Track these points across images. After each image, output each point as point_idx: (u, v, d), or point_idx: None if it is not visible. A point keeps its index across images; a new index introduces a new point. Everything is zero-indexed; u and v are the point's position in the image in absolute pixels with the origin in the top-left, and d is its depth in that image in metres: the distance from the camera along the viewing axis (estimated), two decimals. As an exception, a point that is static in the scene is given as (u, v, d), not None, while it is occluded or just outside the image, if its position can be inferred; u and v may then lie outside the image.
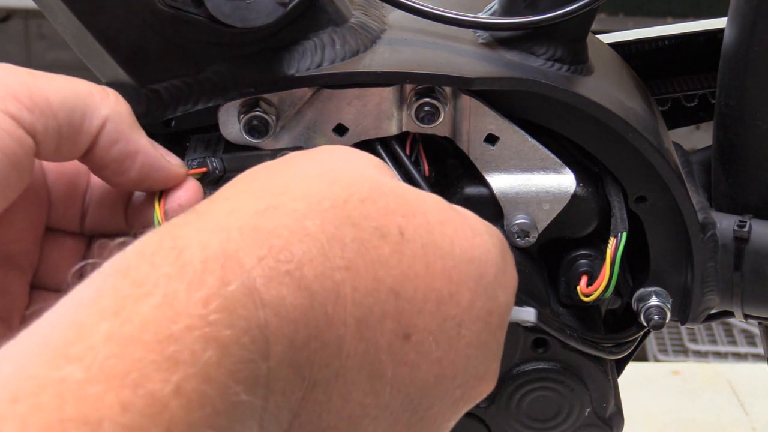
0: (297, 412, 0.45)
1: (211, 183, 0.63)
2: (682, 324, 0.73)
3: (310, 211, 0.47)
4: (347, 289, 0.46)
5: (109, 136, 0.56)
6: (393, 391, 0.49)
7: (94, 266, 0.44)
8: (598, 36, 0.79)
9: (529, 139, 0.67)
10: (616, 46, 0.80)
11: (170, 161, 0.58)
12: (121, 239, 0.46)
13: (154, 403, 0.37)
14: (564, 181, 0.67)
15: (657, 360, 2.54)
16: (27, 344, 0.39)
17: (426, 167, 0.68)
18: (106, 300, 0.40)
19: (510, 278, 0.55)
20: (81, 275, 0.44)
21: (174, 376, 0.38)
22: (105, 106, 0.55)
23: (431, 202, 0.52)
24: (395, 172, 0.60)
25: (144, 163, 0.57)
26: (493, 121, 0.66)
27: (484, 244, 0.53)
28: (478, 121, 0.66)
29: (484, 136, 0.67)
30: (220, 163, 0.63)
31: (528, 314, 0.62)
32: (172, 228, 0.45)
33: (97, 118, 0.55)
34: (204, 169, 0.62)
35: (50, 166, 0.59)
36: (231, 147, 0.66)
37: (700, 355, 2.61)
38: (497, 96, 0.66)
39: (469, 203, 0.68)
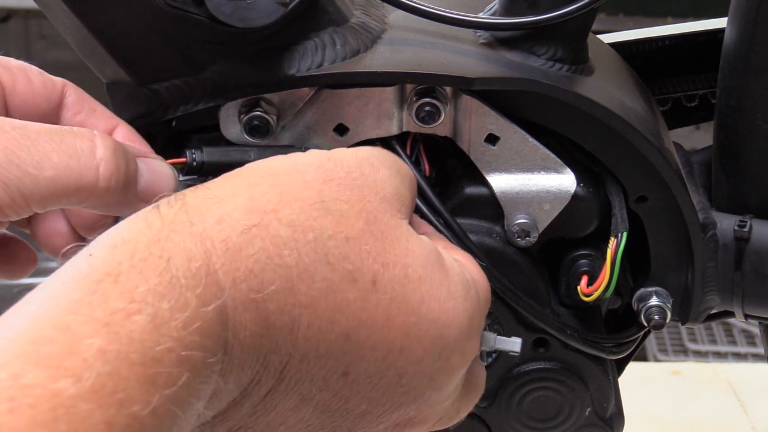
0: (226, 416, 0.49)
1: (190, 173, 0.62)
2: (683, 324, 0.73)
3: (292, 241, 0.49)
4: (301, 326, 0.49)
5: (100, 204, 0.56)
6: (315, 412, 0.52)
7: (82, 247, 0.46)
8: (598, 36, 0.79)
9: (530, 139, 0.67)
10: (616, 46, 0.80)
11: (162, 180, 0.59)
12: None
13: (134, 422, 0.40)
14: (564, 181, 0.67)
15: (657, 360, 2.54)
16: (20, 345, 0.40)
17: (427, 167, 0.68)
18: (98, 310, 0.42)
19: (471, 345, 0.56)
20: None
21: (153, 398, 0.41)
22: (95, 193, 0.55)
23: (419, 254, 0.54)
24: (417, 188, 0.60)
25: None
26: (493, 121, 0.66)
27: (455, 309, 0.54)
28: (478, 121, 0.66)
29: (485, 136, 0.67)
30: (200, 154, 0.62)
31: (513, 345, 0.63)
32: (161, 229, 0.46)
33: (86, 203, 0.55)
34: (183, 160, 0.62)
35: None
36: None
37: (700, 355, 2.60)
38: (498, 96, 0.66)
39: (470, 203, 0.68)
